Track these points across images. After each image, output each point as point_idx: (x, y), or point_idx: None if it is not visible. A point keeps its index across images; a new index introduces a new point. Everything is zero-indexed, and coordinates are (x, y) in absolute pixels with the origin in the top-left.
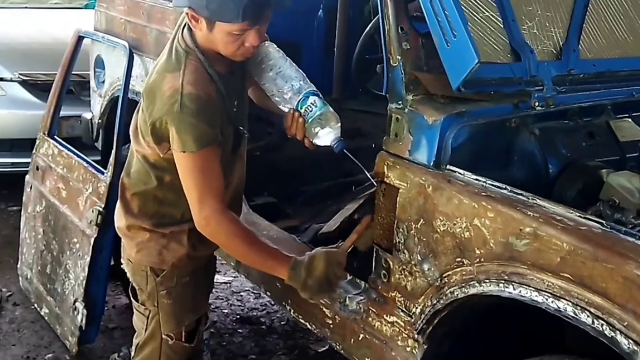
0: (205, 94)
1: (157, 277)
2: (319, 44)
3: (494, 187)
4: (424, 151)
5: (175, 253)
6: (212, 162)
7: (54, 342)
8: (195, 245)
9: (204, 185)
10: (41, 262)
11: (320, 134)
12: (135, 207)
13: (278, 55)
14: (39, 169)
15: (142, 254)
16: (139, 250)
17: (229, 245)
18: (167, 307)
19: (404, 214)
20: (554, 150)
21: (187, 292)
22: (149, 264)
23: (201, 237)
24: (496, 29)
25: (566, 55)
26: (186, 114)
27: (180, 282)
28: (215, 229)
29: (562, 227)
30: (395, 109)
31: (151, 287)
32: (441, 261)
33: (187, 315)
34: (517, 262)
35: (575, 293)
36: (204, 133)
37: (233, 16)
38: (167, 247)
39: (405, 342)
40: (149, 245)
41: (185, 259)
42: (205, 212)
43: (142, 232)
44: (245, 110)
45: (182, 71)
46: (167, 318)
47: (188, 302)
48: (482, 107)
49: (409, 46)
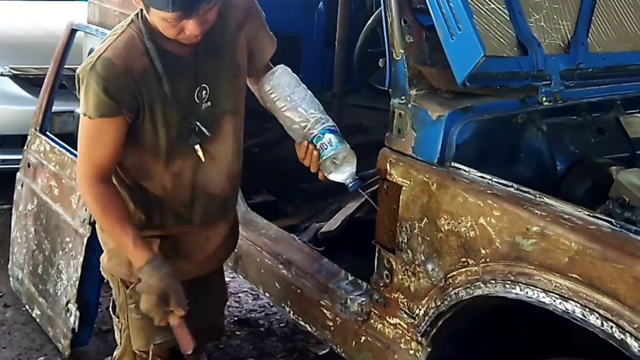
0: (122, 65)
1: (126, 288)
2: (320, 37)
3: (500, 185)
4: (427, 148)
5: None
6: (104, 134)
7: (46, 345)
8: (170, 256)
9: (86, 151)
10: (33, 263)
11: (336, 172)
12: None
13: (292, 84)
14: (30, 166)
15: (112, 262)
16: (110, 258)
17: (96, 215)
18: (136, 322)
19: (407, 212)
20: (562, 147)
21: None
22: (118, 275)
23: (178, 248)
24: (502, 22)
25: (574, 48)
26: (92, 77)
27: None
28: (89, 197)
29: (570, 226)
30: (398, 104)
31: (122, 299)
32: (445, 261)
33: (158, 334)
34: (523, 263)
35: (584, 294)
36: (102, 103)
37: (163, 5)
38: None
39: (408, 344)
40: (119, 254)
41: None
42: (79, 174)
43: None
44: (219, 100)
45: (116, 36)
46: (136, 333)
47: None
48: (488, 103)
49: (413, 39)
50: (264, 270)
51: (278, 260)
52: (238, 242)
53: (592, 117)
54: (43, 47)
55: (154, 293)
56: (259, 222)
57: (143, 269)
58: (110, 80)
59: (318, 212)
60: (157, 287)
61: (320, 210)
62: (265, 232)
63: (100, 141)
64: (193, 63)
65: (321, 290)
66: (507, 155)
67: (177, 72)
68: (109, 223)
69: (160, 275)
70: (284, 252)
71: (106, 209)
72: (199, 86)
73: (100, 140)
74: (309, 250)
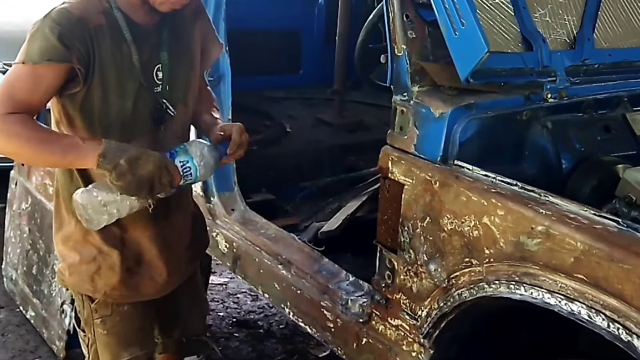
0: (78, 14)
1: (92, 303)
2: (320, 32)
3: (504, 184)
4: (430, 145)
5: (108, 280)
6: (43, 79)
7: (41, 347)
8: (133, 269)
9: (8, 89)
10: (27, 263)
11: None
12: (65, 214)
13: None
14: (24, 164)
15: (74, 279)
16: (71, 274)
17: (10, 148)
18: (102, 338)
19: (410, 211)
20: (567, 145)
21: (126, 324)
22: (80, 291)
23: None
24: (506, 17)
25: (580, 44)
26: (46, 24)
27: (117, 311)
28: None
29: (575, 226)
30: (400, 101)
31: (87, 313)
32: (448, 261)
33: (126, 350)
34: (528, 263)
35: (590, 295)
36: (52, 48)
37: None
38: (98, 273)
39: (410, 346)
40: (81, 269)
41: (120, 287)
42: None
43: (73, 252)
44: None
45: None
46: (102, 349)
47: (129, 335)
48: (492, 99)
49: (415, 35)
50: (263, 270)
51: (277, 260)
52: (236, 242)
53: (598, 114)
54: None
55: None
56: (258, 221)
57: (106, 152)
58: (65, 26)
59: (318, 211)
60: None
61: (320, 209)
62: (264, 232)
63: (33, 85)
64: (156, 37)
65: (321, 291)
66: (511, 153)
67: (139, 39)
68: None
69: (135, 164)
70: (284, 252)
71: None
72: (159, 64)
73: (34, 84)
74: (309, 250)
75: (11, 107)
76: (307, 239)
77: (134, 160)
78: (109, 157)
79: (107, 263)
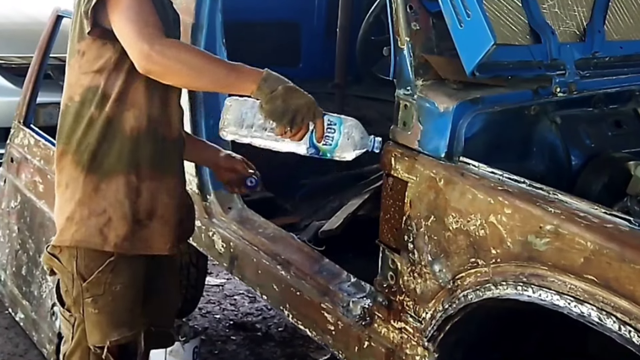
0: None
1: (83, 282)
2: (320, 24)
3: (511, 181)
4: (434, 141)
5: (119, 231)
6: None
7: (30, 350)
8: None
9: (145, 19)
10: (16, 263)
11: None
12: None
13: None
14: (13, 160)
15: (80, 234)
16: (78, 229)
17: (183, 60)
18: (93, 317)
19: (413, 210)
20: (577, 141)
21: (118, 304)
22: (89, 245)
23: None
24: (514, 8)
25: (590, 36)
26: None
27: (109, 290)
28: (161, 49)
29: (585, 225)
30: (403, 96)
31: (77, 292)
32: (454, 262)
33: (116, 330)
34: (536, 263)
35: (601, 297)
36: None
37: None
38: (108, 225)
39: (414, 350)
40: (89, 223)
41: (131, 238)
42: (147, 41)
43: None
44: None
45: None
46: (91, 328)
47: (119, 315)
48: (499, 94)
49: (419, 26)
50: (261, 271)
51: (276, 260)
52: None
53: (609, 109)
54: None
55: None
56: (256, 220)
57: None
58: None
59: (318, 210)
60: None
61: (320, 207)
62: (262, 231)
63: (148, 8)
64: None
65: (322, 293)
66: (518, 150)
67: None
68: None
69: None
70: (283, 252)
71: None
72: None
73: (149, 8)
74: (309, 250)
75: (156, 29)
76: (306, 238)
77: (290, 91)
78: (269, 82)
79: (118, 213)
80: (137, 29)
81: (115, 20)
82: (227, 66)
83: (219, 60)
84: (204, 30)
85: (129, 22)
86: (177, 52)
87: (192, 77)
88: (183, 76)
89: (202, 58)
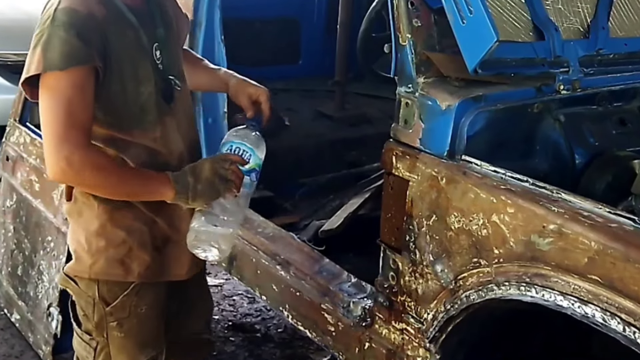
0: (85, 10)
1: (106, 306)
2: (320, 20)
3: (514, 180)
4: (436, 140)
5: (141, 260)
6: (81, 88)
7: (26, 351)
8: (160, 248)
9: (68, 116)
10: (11, 263)
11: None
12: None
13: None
14: (9, 159)
15: (100, 266)
16: (96, 261)
17: (97, 181)
18: (118, 341)
19: (415, 209)
20: (581, 139)
21: (143, 326)
22: (110, 277)
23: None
24: (517, 4)
25: (594, 33)
26: (57, 27)
27: (134, 312)
28: (78, 167)
29: (589, 224)
30: (404, 93)
31: (99, 316)
32: (456, 262)
33: (142, 352)
34: (540, 263)
35: (605, 297)
36: (75, 48)
37: None
38: (129, 255)
39: (415, 351)
40: (108, 254)
41: (153, 266)
42: (66, 149)
43: (96, 238)
44: (173, 59)
45: None
46: (117, 352)
47: (144, 337)
48: (501, 91)
49: (420, 23)
50: (260, 271)
51: (276, 260)
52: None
53: (614, 107)
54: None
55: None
56: (255, 219)
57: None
58: (78, 25)
59: (318, 209)
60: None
61: (320, 206)
62: (261, 231)
63: (82, 99)
64: (150, 16)
65: (322, 293)
66: (522, 148)
67: (140, 21)
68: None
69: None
70: (282, 252)
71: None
72: (157, 42)
73: (83, 98)
74: (309, 250)
75: (81, 132)
76: (306, 238)
77: (193, 171)
78: (180, 182)
79: (138, 242)
80: (56, 133)
81: (40, 106)
82: (140, 179)
83: (133, 175)
84: (203, 28)
85: (50, 117)
86: (92, 172)
87: (107, 194)
88: (99, 192)
89: (116, 176)
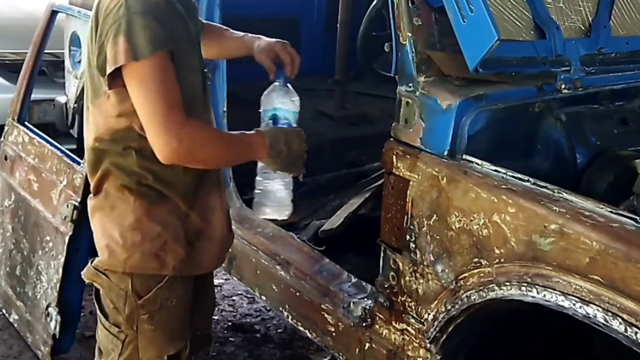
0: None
1: (139, 299)
2: (320, 19)
3: (515, 179)
4: (437, 139)
5: (175, 253)
6: (168, 69)
7: (25, 352)
8: (193, 242)
9: (165, 99)
10: (10, 263)
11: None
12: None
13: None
14: (7, 158)
15: (135, 260)
16: (131, 255)
17: (207, 154)
18: (148, 333)
19: (415, 209)
20: (582, 138)
21: (172, 318)
22: (145, 270)
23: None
24: (518, 3)
25: (596, 32)
26: (134, 14)
27: (165, 305)
28: (188, 143)
29: (591, 224)
30: (405, 92)
31: (130, 309)
32: (456, 262)
33: (171, 344)
34: (541, 263)
35: (606, 297)
36: (157, 32)
37: None
38: (164, 249)
39: (416, 352)
40: (143, 248)
41: (186, 259)
42: (174, 129)
43: (132, 232)
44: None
45: None
46: (146, 344)
47: (173, 329)
48: (502, 90)
49: (421, 22)
50: (260, 271)
51: (275, 260)
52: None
53: (615, 106)
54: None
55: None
56: (255, 219)
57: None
58: (153, 10)
59: (318, 209)
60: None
61: (320, 206)
62: (261, 231)
63: (169, 78)
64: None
65: (322, 293)
66: (523, 147)
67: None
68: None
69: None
70: (282, 251)
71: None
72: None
73: (169, 77)
74: (309, 250)
75: (180, 110)
76: (306, 238)
77: (286, 141)
78: (274, 147)
79: (172, 236)
80: (159, 115)
81: (134, 95)
82: (240, 145)
83: (234, 141)
84: None
85: (149, 103)
86: (202, 146)
87: (214, 164)
88: (207, 164)
89: (222, 143)
